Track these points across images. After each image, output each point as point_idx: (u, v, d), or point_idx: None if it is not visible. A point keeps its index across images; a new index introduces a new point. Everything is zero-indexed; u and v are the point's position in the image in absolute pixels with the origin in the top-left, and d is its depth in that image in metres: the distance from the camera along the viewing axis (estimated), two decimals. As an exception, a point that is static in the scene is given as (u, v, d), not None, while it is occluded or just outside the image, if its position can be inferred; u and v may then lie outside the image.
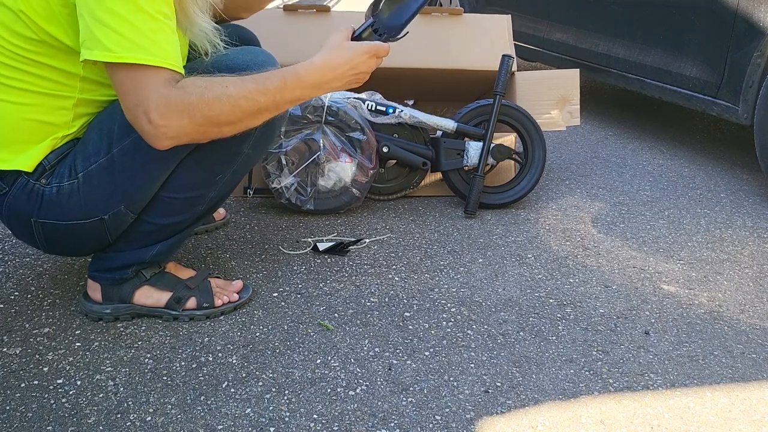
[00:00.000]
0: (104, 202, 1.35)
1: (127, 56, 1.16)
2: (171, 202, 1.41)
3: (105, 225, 1.38)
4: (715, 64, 2.57)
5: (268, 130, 1.44)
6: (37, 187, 1.33)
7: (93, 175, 1.33)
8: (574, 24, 3.33)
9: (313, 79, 1.33)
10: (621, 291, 1.74)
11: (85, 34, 1.17)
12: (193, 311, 1.51)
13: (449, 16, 2.41)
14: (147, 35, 1.17)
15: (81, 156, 1.33)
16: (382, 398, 1.29)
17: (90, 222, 1.37)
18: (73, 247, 1.45)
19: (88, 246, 1.45)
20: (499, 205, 2.21)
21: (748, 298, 1.74)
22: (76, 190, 1.33)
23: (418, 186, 2.25)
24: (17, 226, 1.41)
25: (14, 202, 1.35)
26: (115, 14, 1.15)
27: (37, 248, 1.46)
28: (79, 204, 1.34)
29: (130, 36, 1.15)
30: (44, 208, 1.35)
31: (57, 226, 1.37)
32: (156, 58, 1.17)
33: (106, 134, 1.33)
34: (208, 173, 1.41)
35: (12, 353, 1.38)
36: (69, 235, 1.39)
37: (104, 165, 1.33)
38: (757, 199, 2.44)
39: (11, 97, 1.28)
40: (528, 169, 2.22)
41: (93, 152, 1.33)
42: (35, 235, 1.39)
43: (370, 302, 1.63)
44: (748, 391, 1.38)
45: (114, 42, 1.15)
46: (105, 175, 1.33)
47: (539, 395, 1.33)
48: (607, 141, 3.08)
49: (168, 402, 1.26)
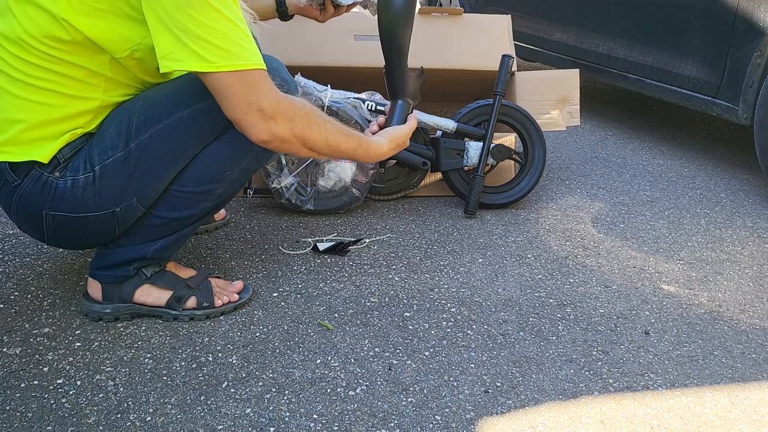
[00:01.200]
0: (118, 195, 1.38)
1: (229, 65, 1.25)
2: (179, 196, 1.43)
3: (116, 218, 1.40)
4: (715, 64, 2.57)
5: None
6: (50, 180, 1.35)
7: (109, 168, 1.36)
8: (574, 24, 3.33)
9: (376, 155, 1.61)
10: (621, 291, 1.74)
11: (170, 46, 1.23)
12: (193, 311, 1.51)
13: (449, 16, 2.41)
14: (238, 42, 1.26)
15: (97, 150, 1.36)
16: (382, 398, 1.29)
17: (102, 215, 1.38)
18: (79, 240, 1.46)
19: (94, 239, 1.46)
20: (499, 205, 2.21)
21: (748, 298, 1.74)
22: (92, 183, 1.36)
23: (418, 186, 2.25)
24: (26, 219, 1.41)
25: (26, 195, 1.36)
26: (204, 26, 1.22)
27: (41, 241, 1.46)
28: (94, 197, 1.36)
29: (225, 45, 1.24)
30: (57, 201, 1.36)
31: (68, 218, 1.38)
32: (253, 61, 1.27)
33: (125, 129, 1.36)
34: (218, 169, 1.44)
35: (12, 353, 1.38)
36: (78, 228, 1.40)
37: (121, 159, 1.36)
38: (757, 199, 2.44)
39: (37, 96, 1.30)
40: (528, 169, 2.22)
41: (110, 146, 1.36)
42: (43, 228, 1.40)
43: (370, 302, 1.63)
44: (748, 391, 1.38)
45: (212, 53, 1.23)
46: (121, 169, 1.36)
47: (539, 395, 1.33)
48: (607, 141, 3.08)
49: (168, 402, 1.26)
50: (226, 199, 1.52)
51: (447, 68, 2.32)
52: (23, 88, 1.29)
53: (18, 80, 1.29)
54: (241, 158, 1.46)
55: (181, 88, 1.39)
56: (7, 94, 1.30)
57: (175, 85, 1.40)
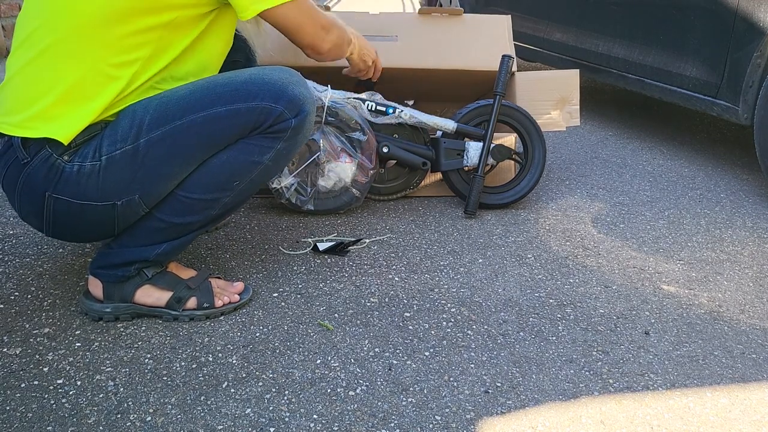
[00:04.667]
0: (121, 188, 1.38)
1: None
2: (185, 202, 1.44)
3: (116, 211, 1.40)
4: (715, 64, 2.57)
5: (290, 146, 1.49)
6: (58, 162, 1.36)
7: (116, 160, 1.37)
8: (574, 24, 3.33)
9: (361, 41, 1.90)
10: (621, 291, 1.74)
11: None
12: (193, 311, 1.51)
13: (449, 16, 2.41)
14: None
15: (108, 140, 1.37)
16: (382, 398, 1.29)
17: (102, 206, 1.39)
18: (78, 231, 1.46)
19: (93, 231, 1.46)
20: (499, 205, 2.21)
21: (748, 299, 1.74)
22: (97, 172, 1.37)
23: (418, 186, 2.25)
24: (28, 201, 1.41)
25: (33, 174, 1.37)
26: None
27: (40, 231, 1.46)
28: (97, 185, 1.37)
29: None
30: (61, 184, 1.37)
31: (70, 204, 1.39)
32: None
33: (137, 123, 1.38)
34: (226, 177, 1.44)
35: (12, 353, 1.38)
36: (78, 217, 1.40)
37: (129, 152, 1.37)
38: (757, 199, 2.44)
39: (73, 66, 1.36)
40: (528, 169, 2.22)
41: (120, 138, 1.37)
42: (44, 213, 1.41)
43: (370, 302, 1.63)
44: (748, 392, 1.38)
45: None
46: (127, 162, 1.37)
47: (539, 395, 1.33)
48: (607, 141, 3.08)
49: (168, 402, 1.26)
50: (232, 208, 1.53)
51: (446, 68, 2.32)
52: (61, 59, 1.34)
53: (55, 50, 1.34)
54: (251, 170, 1.46)
55: (199, 91, 1.41)
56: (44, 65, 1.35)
57: (194, 88, 1.42)
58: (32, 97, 1.35)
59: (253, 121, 1.42)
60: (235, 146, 1.43)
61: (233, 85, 1.42)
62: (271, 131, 1.44)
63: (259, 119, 1.42)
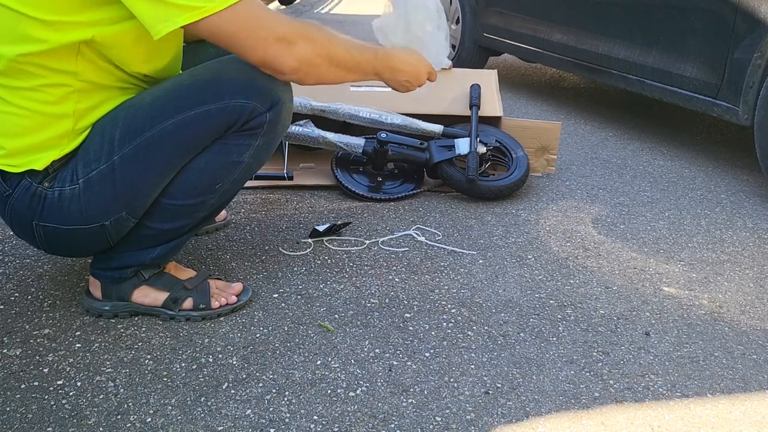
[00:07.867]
0: (105, 208, 1.35)
1: (220, 4, 1.20)
2: (171, 209, 1.41)
3: (106, 230, 1.38)
4: (716, 65, 2.57)
5: (269, 141, 1.44)
6: (39, 191, 1.33)
7: (94, 181, 1.33)
8: (575, 25, 3.33)
9: (398, 60, 1.53)
10: (621, 292, 1.74)
11: (152, 10, 1.18)
12: (189, 312, 1.51)
13: (440, 71, 2.50)
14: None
15: (82, 161, 1.33)
16: (382, 399, 1.29)
17: (90, 228, 1.37)
18: (74, 249, 1.46)
19: (89, 249, 1.45)
20: (496, 192, 2.24)
21: (748, 299, 1.74)
22: (77, 196, 1.33)
23: (419, 186, 2.28)
24: (19, 228, 1.41)
25: (17, 205, 1.35)
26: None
27: (38, 249, 1.46)
28: (80, 209, 1.34)
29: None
30: (46, 212, 1.35)
31: (57, 230, 1.37)
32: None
33: (107, 140, 1.33)
34: (208, 181, 1.41)
35: (12, 354, 1.38)
36: (70, 239, 1.39)
37: (105, 171, 1.33)
38: (757, 200, 2.44)
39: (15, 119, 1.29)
40: (515, 166, 2.33)
41: (94, 158, 1.33)
42: (36, 238, 1.40)
43: (371, 303, 1.63)
44: (748, 393, 1.38)
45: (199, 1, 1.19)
46: (106, 182, 1.33)
47: (540, 396, 1.33)
48: (608, 142, 3.08)
49: (168, 403, 1.26)
50: (220, 207, 1.50)
51: (434, 114, 2.44)
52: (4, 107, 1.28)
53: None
54: (232, 170, 1.42)
55: (164, 97, 1.35)
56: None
57: (159, 93, 1.36)
58: None
59: (225, 120, 1.35)
60: (212, 148, 1.38)
61: (199, 85, 1.35)
62: (246, 128, 1.37)
63: (231, 118, 1.35)
